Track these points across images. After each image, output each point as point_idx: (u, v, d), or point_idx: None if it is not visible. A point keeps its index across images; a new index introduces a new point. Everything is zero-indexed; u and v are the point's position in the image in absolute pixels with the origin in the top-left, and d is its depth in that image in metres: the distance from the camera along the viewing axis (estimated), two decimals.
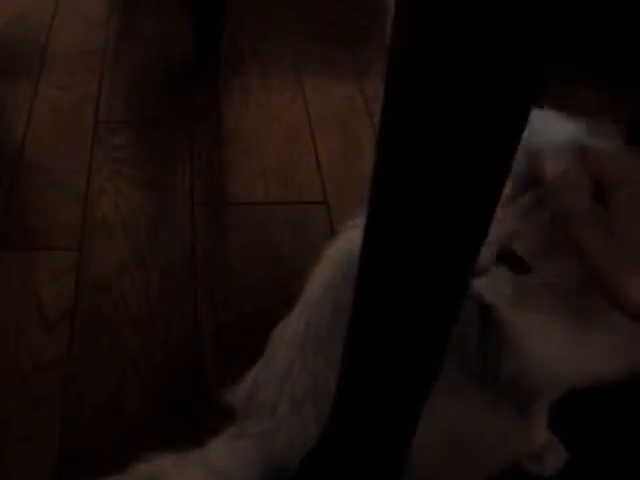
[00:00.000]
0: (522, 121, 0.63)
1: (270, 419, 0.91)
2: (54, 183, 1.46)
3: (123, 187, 1.46)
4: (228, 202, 1.44)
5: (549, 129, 0.72)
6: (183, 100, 1.67)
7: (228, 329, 1.20)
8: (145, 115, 1.64)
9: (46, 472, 1.02)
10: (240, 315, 1.22)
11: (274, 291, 0.99)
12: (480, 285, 0.74)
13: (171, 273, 1.29)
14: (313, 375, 0.89)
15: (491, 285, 0.74)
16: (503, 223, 0.71)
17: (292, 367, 0.90)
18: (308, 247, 0.96)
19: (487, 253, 0.71)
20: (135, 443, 1.01)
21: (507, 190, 0.68)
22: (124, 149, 1.54)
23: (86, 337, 1.19)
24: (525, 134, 0.64)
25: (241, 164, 1.51)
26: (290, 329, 0.92)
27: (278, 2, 1.97)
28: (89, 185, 1.45)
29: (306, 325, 0.90)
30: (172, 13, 1.91)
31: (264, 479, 0.90)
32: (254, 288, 1.26)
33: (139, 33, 1.86)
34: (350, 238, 0.89)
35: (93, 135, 1.57)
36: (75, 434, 1.07)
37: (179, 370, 1.15)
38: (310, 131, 1.57)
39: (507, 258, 0.73)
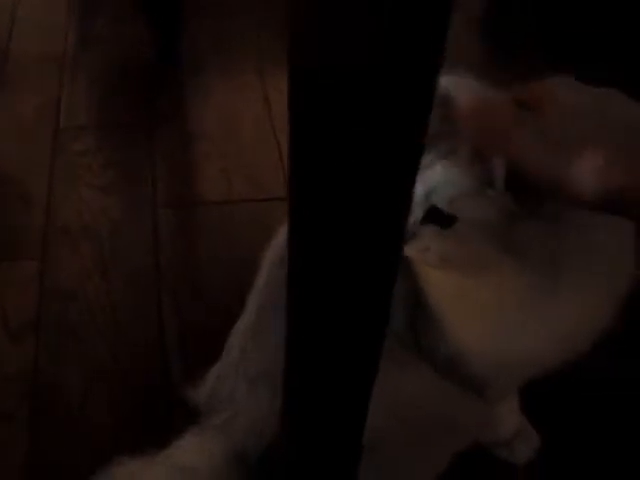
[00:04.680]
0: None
1: (229, 407, 0.91)
2: (15, 191, 1.44)
3: (85, 194, 1.44)
4: (192, 203, 1.42)
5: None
6: (144, 103, 1.65)
7: (193, 333, 1.19)
8: (107, 120, 1.62)
9: None
10: (205, 318, 1.21)
11: (239, 292, 0.98)
12: (409, 251, 0.71)
13: (135, 279, 1.28)
14: (265, 353, 0.88)
15: (420, 247, 0.71)
16: (419, 183, 0.68)
17: (245, 350, 0.90)
18: None
19: (410, 218, 0.68)
20: (103, 452, 0.99)
21: None
22: (86, 155, 1.52)
23: (51, 347, 1.17)
24: None
25: (204, 165, 1.49)
26: (244, 318, 0.93)
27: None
28: (51, 192, 1.44)
29: (256, 308, 0.91)
30: (132, 17, 1.88)
31: (228, 466, 0.90)
32: (219, 290, 1.25)
33: (99, 38, 1.84)
34: None
35: (54, 142, 1.55)
36: (42, 446, 1.05)
37: (146, 377, 1.13)
38: (272, 129, 1.56)
39: (431, 216, 0.70)
